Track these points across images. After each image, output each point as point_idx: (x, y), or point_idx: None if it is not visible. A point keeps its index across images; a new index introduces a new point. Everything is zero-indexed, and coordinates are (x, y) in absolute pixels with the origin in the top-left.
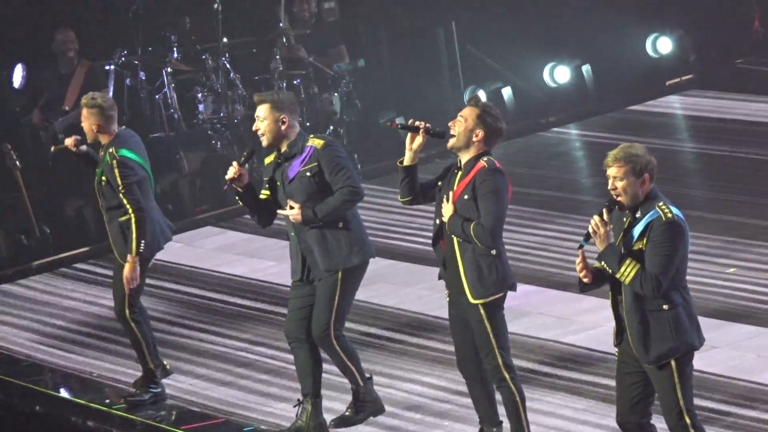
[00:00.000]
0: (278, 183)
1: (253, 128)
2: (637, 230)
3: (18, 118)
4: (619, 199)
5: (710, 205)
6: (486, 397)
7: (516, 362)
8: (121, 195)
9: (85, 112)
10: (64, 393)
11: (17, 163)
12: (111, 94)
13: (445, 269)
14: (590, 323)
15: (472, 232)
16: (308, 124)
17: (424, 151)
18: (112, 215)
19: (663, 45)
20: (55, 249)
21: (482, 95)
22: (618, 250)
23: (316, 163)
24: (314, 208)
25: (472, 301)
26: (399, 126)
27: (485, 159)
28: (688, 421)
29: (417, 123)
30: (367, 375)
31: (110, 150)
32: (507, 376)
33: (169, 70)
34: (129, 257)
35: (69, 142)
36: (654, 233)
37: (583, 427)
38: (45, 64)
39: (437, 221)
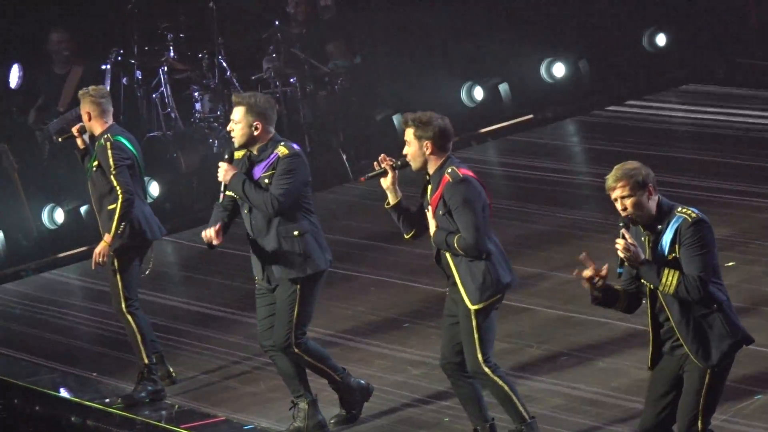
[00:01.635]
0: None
1: (227, 128)
2: (667, 239)
3: (15, 118)
4: (632, 217)
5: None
6: (472, 395)
7: None
8: (111, 177)
9: (81, 102)
10: (63, 393)
11: (14, 163)
12: None
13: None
14: None
15: (456, 246)
16: (303, 121)
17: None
18: (102, 203)
19: (659, 39)
20: (52, 249)
21: (479, 92)
22: (653, 265)
23: (273, 171)
24: (246, 182)
25: (471, 307)
26: (367, 178)
27: (449, 171)
28: (700, 427)
29: (382, 165)
30: (342, 367)
31: (105, 135)
32: (488, 370)
33: (165, 69)
34: (106, 236)
35: (74, 129)
36: (684, 236)
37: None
38: (41, 65)
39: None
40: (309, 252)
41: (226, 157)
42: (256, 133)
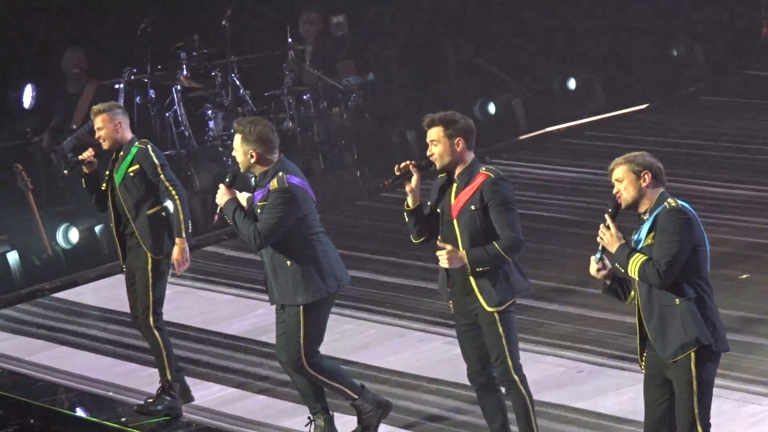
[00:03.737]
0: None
1: (232, 153)
2: (646, 226)
3: (29, 138)
4: (619, 200)
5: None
6: (499, 407)
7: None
8: (160, 176)
9: (104, 116)
10: (80, 412)
11: (29, 183)
12: None
13: (449, 282)
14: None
15: (500, 247)
16: (317, 138)
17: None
18: (140, 210)
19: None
20: (67, 269)
21: (492, 108)
22: (627, 249)
23: (266, 203)
24: (238, 210)
25: (487, 309)
26: (392, 182)
27: (485, 168)
28: (700, 429)
29: (403, 165)
30: (359, 384)
31: (135, 143)
32: (517, 379)
33: (178, 87)
34: (177, 240)
35: (87, 153)
36: (659, 222)
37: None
38: (54, 84)
39: (439, 242)
40: (305, 281)
41: (227, 180)
42: (252, 160)
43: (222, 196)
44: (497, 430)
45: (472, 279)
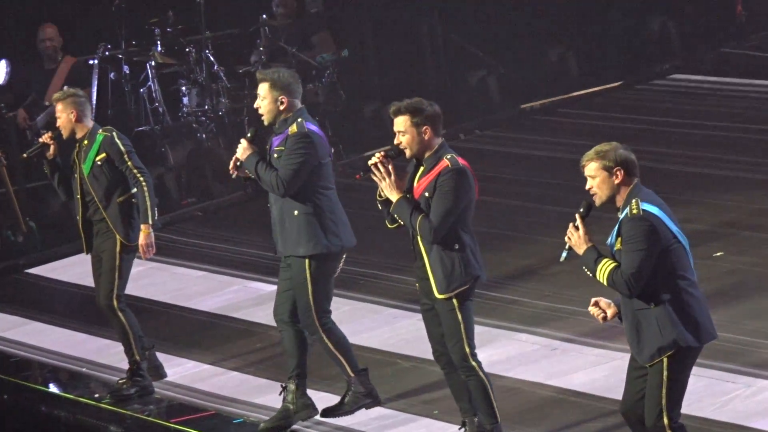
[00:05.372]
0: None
1: (254, 105)
2: (615, 229)
3: (3, 114)
4: (594, 198)
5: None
6: (465, 387)
7: None
8: (127, 163)
9: (60, 105)
10: (53, 388)
11: (2, 159)
12: (95, 88)
13: (415, 262)
14: None
15: (417, 225)
16: None
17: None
18: (111, 198)
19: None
20: (42, 245)
21: (467, 83)
22: (594, 254)
23: (283, 148)
24: (260, 162)
25: (438, 296)
26: (363, 175)
27: (448, 156)
28: (666, 422)
29: (374, 159)
30: (362, 367)
31: (99, 131)
32: (474, 364)
33: (152, 63)
34: (143, 227)
35: (45, 137)
36: (623, 230)
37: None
38: (30, 62)
39: None
40: (308, 232)
41: (249, 135)
42: (282, 107)
43: (244, 151)
44: (465, 408)
45: (427, 264)
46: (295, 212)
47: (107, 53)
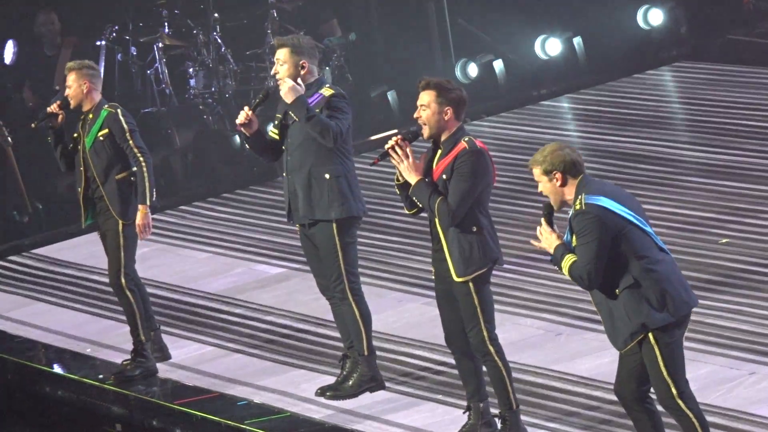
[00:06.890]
0: (289, 122)
1: (272, 72)
2: (568, 227)
3: (9, 94)
4: (552, 203)
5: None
6: (474, 372)
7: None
8: (129, 141)
9: (74, 75)
10: (57, 369)
11: (9, 139)
12: (102, 69)
13: (433, 244)
14: None
15: (436, 207)
16: None
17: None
18: (109, 174)
19: (654, 17)
20: (47, 225)
21: (473, 68)
22: (561, 249)
23: (319, 110)
24: (310, 108)
25: (455, 278)
26: (379, 159)
27: (466, 139)
28: (674, 392)
29: (391, 142)
30: (374, 348)
31: (105, 106)
32: (492, 349)
33: (160, 45)
34: (140, 207)
35: (54, 106)
36: (573, 227)
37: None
38: (35, 43)
39: None
40: (339, 196)
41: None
42: (302, 71)
43: (290, 91)
44: (471, 393)
45: (445, 247)
46: (327, 176)
47: (114, 34)
